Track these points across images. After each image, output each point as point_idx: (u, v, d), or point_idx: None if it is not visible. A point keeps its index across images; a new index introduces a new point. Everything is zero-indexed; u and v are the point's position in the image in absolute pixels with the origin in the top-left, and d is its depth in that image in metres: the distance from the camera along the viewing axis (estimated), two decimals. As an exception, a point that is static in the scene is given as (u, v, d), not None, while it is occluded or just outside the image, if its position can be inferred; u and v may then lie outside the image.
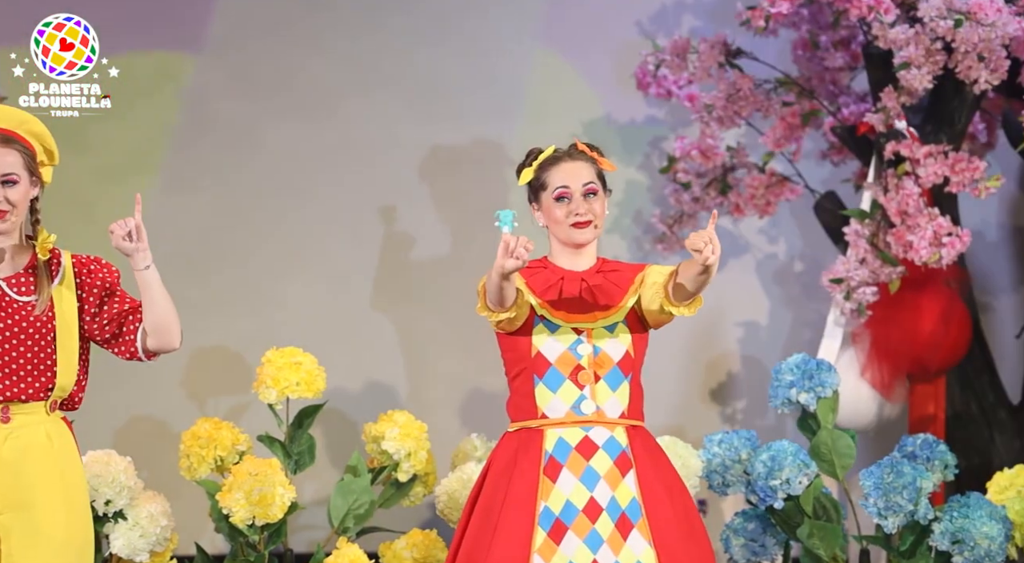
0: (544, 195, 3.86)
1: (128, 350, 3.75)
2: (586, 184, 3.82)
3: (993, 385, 5.73)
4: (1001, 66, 5.21)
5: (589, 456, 3.78)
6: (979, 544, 4.66)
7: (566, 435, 3.79)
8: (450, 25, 6.01)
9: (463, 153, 6.02)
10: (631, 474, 3.78)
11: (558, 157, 3.86)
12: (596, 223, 3.84)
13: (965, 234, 5.28)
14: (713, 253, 3.58)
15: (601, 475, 3.76)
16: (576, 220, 3.82)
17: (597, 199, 3.84)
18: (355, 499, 4.89)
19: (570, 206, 3.82)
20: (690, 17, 6.06)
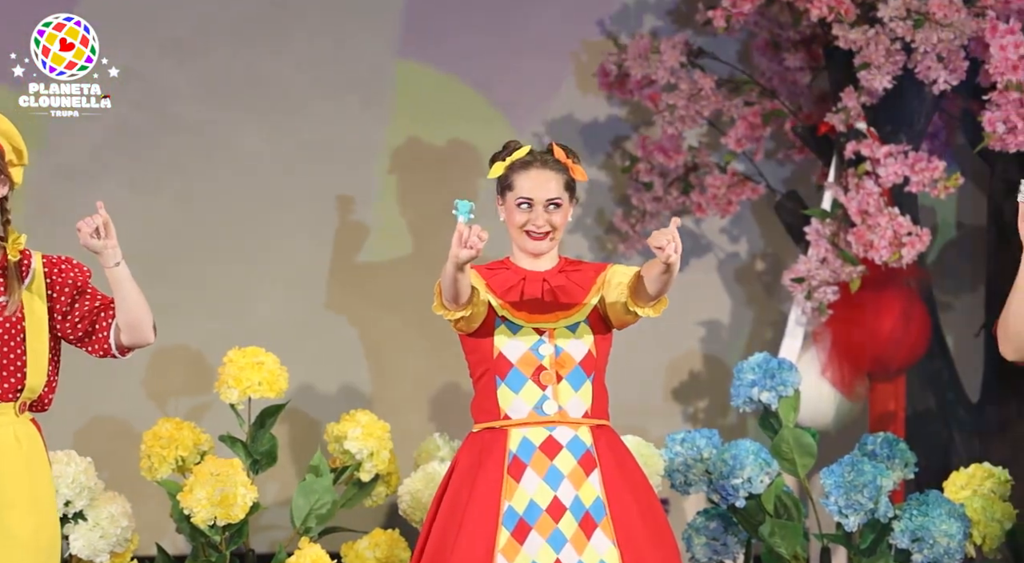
0: (509, 196, 3.86)
1: (101, 347, 3.74)
2: (551, 198, 3.82)
3: (953, 383, 5.76)
4: (960, 67, 5.25)
5: (553, 455, 3.78)
6: (938, 542, 4.69)
7: (530, 435, 3.79)
8: (411, 24, 6.00)
9: (425, 153, 6.01)
10: (595, 473, 3.78)
11: (529, 162, 3.85)
12: (554, 235, 3.84)
13: (925, 233, 5.32)
14: (675, 251, 3.59)
15: (565, 474, 3.76)
16: (533, 231, 3.82)
17: (559, 211, 3.83)
18: (317, 499, 4.88)
19: (530, 215, 3.82)
20: (652, 17, 6.07)
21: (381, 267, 5.99)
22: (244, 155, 5.90)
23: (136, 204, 5.78)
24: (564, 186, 3.84)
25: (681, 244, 3.60)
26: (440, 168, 5.99)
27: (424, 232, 5.98)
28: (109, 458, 5.11)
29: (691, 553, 4.90)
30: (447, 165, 5.98)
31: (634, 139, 6.00)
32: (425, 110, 6.01)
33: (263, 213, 5.91)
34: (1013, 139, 5.15)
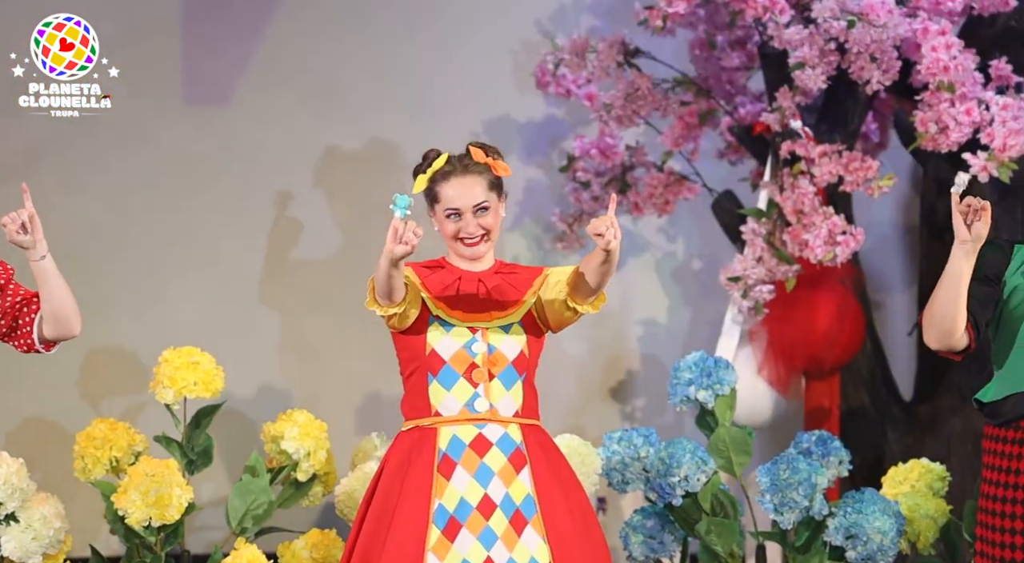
0: (437, 207, 3.86)
1: (25, 342, 3.71)
2: (477, 204, 3.83)
3: (886, 381, 5.81)
4: (892, 67, 5.29)
5: (483, 453, 3.78)
6: (872, 539, 4.72)
7: (460, 432, 3.79)
8: (346, 23, 5.99)
9: (360, 151, 6.00)
10: (525, 470, 3.79)
11: (450, 171, 3.84)
12: (489, 237, 3.84)
13: (859, 233, 5.35)
14: (615, 237, 3.60)
15: (495, 472, 3.77)
16: (467, 239, 3.82)
17: (489, 214, 3.84)
18: (253, 499, 4.86)
19: (461, 224, 3.82)
20: (589, 17, 6.09)
21: (316, 266, 5.97)
22: (176, 153, 5.87)
23: (68, 203, 5.74)
24: (489, 187, 3.84)
25: (620, 232, 3.62)
26: (376, 167, 5.98)
27: (359, 231, 5.97)
28: (42, 459, 5.08)
29: (628, 551, 4.92)
30: (383, 164, 5.97)
31: (571, 138, 6.01)
32: (361, 108, 5.99)
33: (197, 212, 5.88)
34: (945, 139, 5.19)
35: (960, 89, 5.16)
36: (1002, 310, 3.89)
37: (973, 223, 3.77)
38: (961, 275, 3.77)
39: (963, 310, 3.79)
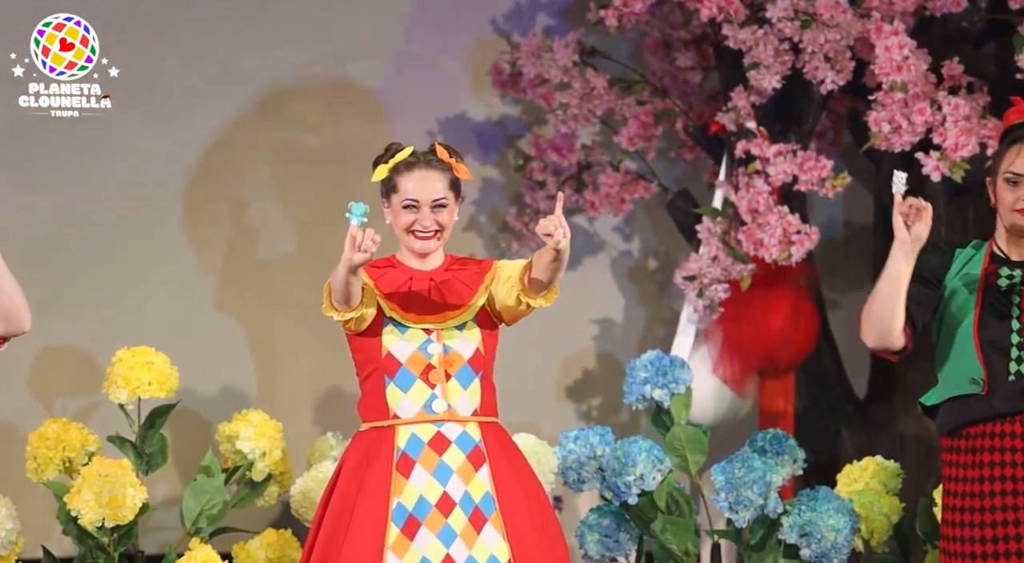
0: (394, 198, 3.86)
1: None
2: (436, 199, 3.83)
3: (840, 380, 5.84)
4: (846, 67, 5.31)
5: (442, 451, 3.78)
6: (826, 537, 4.74)
7: (418, 431, 3.79)
8: (303, 22, 5.97)
9: (317, 151, 5.99)
10: (484, 468, 3.79)
11: (413, 163, 3.85)
12: (441, 235, 3.84)
13: (813, 232, 5.37)
14: (564, 236, 3.61)
15: (454, 469, 3.77)
16: (420, 231, 3.82)
17: (445, 211, 3.85)
18: (208, 499, 4.84)
19: (417, 216, 3.82)
20: (544, 16, 6.09)
21: (271, 266, 5.95)
22: (131, 152, 5.83)
23: (22, 201, 5.70)
24: (449, 186, 3.85)
25: (569, 229, 3.62)
26: (331, 167, 5.96)
27: (315, 231, 5.95)
28: (-6, 460, 5.05)
29: (584, 550, 4.92)
30: (338, 164, 5.96)
31: (527, 138, 6.01)
32: (317, 108, 5.98)
33: (152, 211, 5.85)
34: (898, 139, 5.22)
35: (913, 89, 5.19)
36: (942, 315, 3.91)
37: (914, 224, 3.78)
38: (900, 276, 3.78)
39: (902, 311, 3.80)
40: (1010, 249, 3.90)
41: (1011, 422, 3.83)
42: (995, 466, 3.82)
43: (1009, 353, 3.84)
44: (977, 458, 3.84)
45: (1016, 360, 3.83)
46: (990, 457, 3.83)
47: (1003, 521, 3.80)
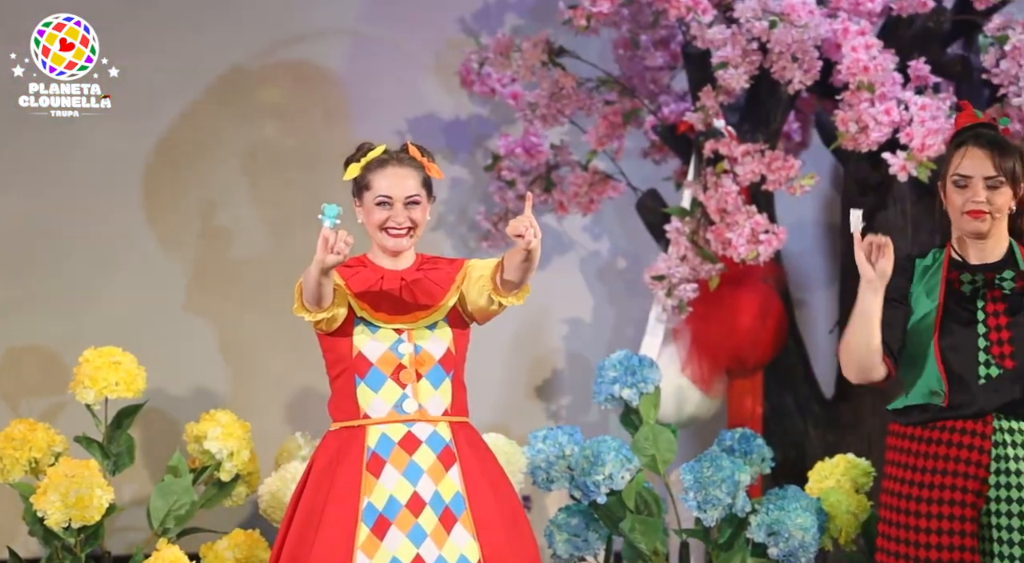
0: (367, 196, 3.85)
1: None
2: (409, 196, 3.82)
3: (808, 379, 5.86)
4: (814, 67, 5.33)
5: (412, 451, 3.78)
6: (793, 536, 4.76)
7: (389, 431, 3.79)
8: (270, 21, 5.96)
9: (286, 152, 5.98)
10: (455, 468, 3.79)
11: (385, 160, 3.85)
12: (414, 232, 3.84)
13: (781, 231, 5.39)
14: (535, 236, 3.61)
15: (424, 469, 3.77)
16: (393, 228, 3.82)
17: (418, 208, 3.84)
18: (176, 499, 4.83)
19: (390, 213, 3.82)
20: (513, 15, 6.09)
21: (239, 266, 5.94)
22: (99, 152, 5.81)
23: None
24: (421, 183, 3.86)
25: (540, 230, 3.62)
26: (300, 167, 5.95)
27: (284, 231, 5.94)
28: (-40, 460, 5.00)
29: (553, 549, 4.92)
30: (307, 164, 5.95)
31: (496, 137, 6.01)
32: (285, 108, 5.97)
33: (120, 211, 5.83)
34: (865, 138, 5.24)
35: (880, 89, 5.21)
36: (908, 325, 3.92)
37: (877, 261, 3.78)
38: (872, 313, 3.79)
39: (878, 344, 3.80)
40: (966, 252, 3.91)
41: (982, 422, 3.84)
42: (958, 462, 3.83)
43: (977, 357, 3.86)
44: (932, 450, 3.85)
45: (984, 363, 3.84)
46: (945, 451, 3.84)
47: (949, 515, 3.81)
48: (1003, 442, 3.84)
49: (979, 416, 3.84)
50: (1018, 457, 3.84)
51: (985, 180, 3.85)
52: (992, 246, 3.90)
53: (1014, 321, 3.85)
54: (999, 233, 3.90)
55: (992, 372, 3.84)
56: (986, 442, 3.83)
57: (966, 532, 3.80)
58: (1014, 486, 3.82)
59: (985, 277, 3.86)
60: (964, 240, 3.91)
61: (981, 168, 3.85)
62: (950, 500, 3.82)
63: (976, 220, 3.85)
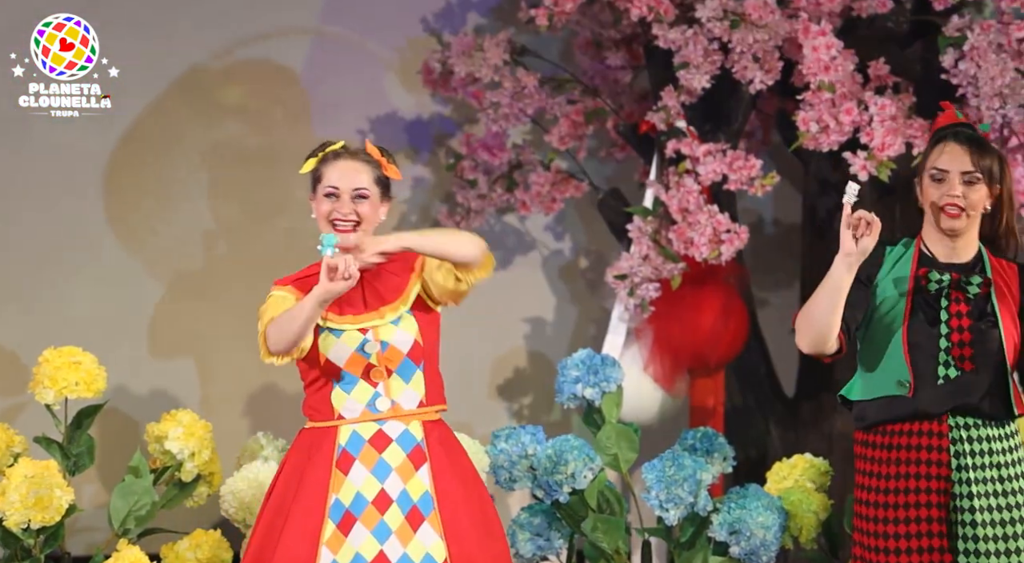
0: (319, 188, 3.85)
1: None
2: (357, 188, 3.81)
3: (769, 378, 5.88)
4: (775, 67, 5.35)
5: (382, 449, 3.77)
6: (755, 534, 4.77)
7: (360, 429, 3.78)
8: (232, 20, 5.94)
9: (246, 150, 5.96)
10: (425, 468, 3.79)
11: (339, 154, 3.85)
12: (360, 228, 3.82)
13: (743, 231, 5.40)
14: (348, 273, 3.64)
15: (393, 467, 3.76)
16: (340, 221, 3.80)
17: (366, 203, 3.82)
18: (136, 500, 4.81)
19: (336, 205, 3.81)
20: (475, 15, 6.09)
21: (200, 265, 5.92)
22: (58, 149, 5.78)
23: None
24: (374, 180, 3.83)
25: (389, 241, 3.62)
26: (262, 166, 5.94)
27: (246, 230, 5.93)
28: (-82, 461, 4.97)
29: (515, 549, 4.92)
30: (269, 163, 5.93)
31: (458, 136, 6.01)
32: (247, 107, 5.95)
33: (79, 210, 5.80)
34: (826, 138, 5.26)
35: (840, 89, 5.23)
36: (873, 314, 3.93)
37: (862, 237, 3.75)
38: (841, 287, 3.76)
39: (839, 319, 3.78)
40: (936, 249, 3.93)
41: (938, 422, 3.86)
42: (920, 464, 3.85)
43: (937, 357, 3.87)
44: (894, 455, 3.87)
45: (944, 364, 3.86)
46: (907, 455, 3.86)
47: (916, 518, 3.83)
48: (960, 439, 3.86)
49: (935, 417, 3.86)
50: (975, 453, 3.86)
51: (962, 175, 3.87)
52: (962, 247, 3.91)
53: (976, 325, 3.86)
54: (971, 234, 3.91)
55: (951, 373, 3.86)
56: (944, 441, 3.85)
57: (933, 533, 3.83)
58: (975, 481, 3.84)
59: (952, 278, 3.87)
60: (935, 236, 3.92)
61: (959, 163, 3.87)
62: (916, 503, 3.84)
63: (952, 219, 3.86)
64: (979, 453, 3.86)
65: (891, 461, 3.87)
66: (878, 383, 3.89)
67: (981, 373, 3.85)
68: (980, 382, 3.85)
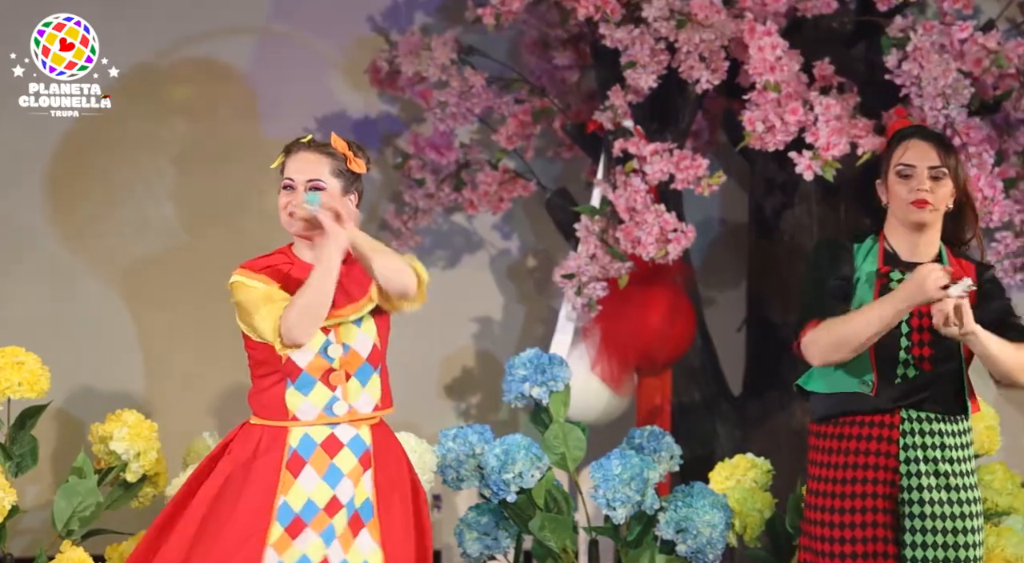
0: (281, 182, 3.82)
1: None
2: (311, 180, 3.78)
3: (716, 377, 5.90)
4: (721, 67, 5.37)
5: (334, 453, 3.75)
6: (701, 532, 4.79)
7: (312, 432, 3.75)
8: (179, 18, 5.91)
9: (192, 148, 5.93)
10: (369, 474, 3.77)
11: (301, 146, 3.82)
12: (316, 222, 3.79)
13: (690, 230, 5.42)
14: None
15: (345, 473, 3.74)
16: (294, 211, 3.78)
17: (323, 195, 3.78)
18: (80, 501, 4.77)
19: (290, 197, 3.79)
20: (422, 14, 6.09)
21: (145, 264, 5.88)
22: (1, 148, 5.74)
23: None
24: (333, 173, 3.80)
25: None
26: (208, 164, 5.92)
27: (190, 229, 5.90)
28: None
29: (463, 548, 4.92)
30: (215, 161, 5.91)
31: (406, 136, 6.00)
32: (193, 105, 5.92)
33: (23, 208, 5.76)
34: (772, 138, 5.29)
35: (785, 89, 5.26)
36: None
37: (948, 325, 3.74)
38: (889, 325, 3.79)
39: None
40: (900, 247, 3.95)
41: (890, 415, 3.89)
42: (869, 455, 3.88)
43: (898, 357, 3.90)
44: (844, 445, 3.90)
45: (904, 363, 3.89)
46: (856, 445, 3.89)
47: (863, 508, 3.86)
48: (910, 432, 3.89)
49: (887, 411, 3.89)
50: (925, 445, 3.89)
51: (929, 170, 3.90)
52: (925, 244, 3.94)
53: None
54: (934, 231, 3.95)
55: (910, 373, 3.89)
56: (894, 433, 3.88)
57: (879, 523, 3.86)
58: (924, 474, 3.87)
59: None
60: (900, 234, 3.95)
61: (926, 158, 3.90)
62: (863, 493, 3.87)
63: (920, 211, 3.89)
64: (931, 446, 3.89)
65: (841, 451, 3.90)
66: (840, 379, 3.91)
67: (939, 372, 3.89)
68: (937, 381, 3.89)
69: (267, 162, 5.98)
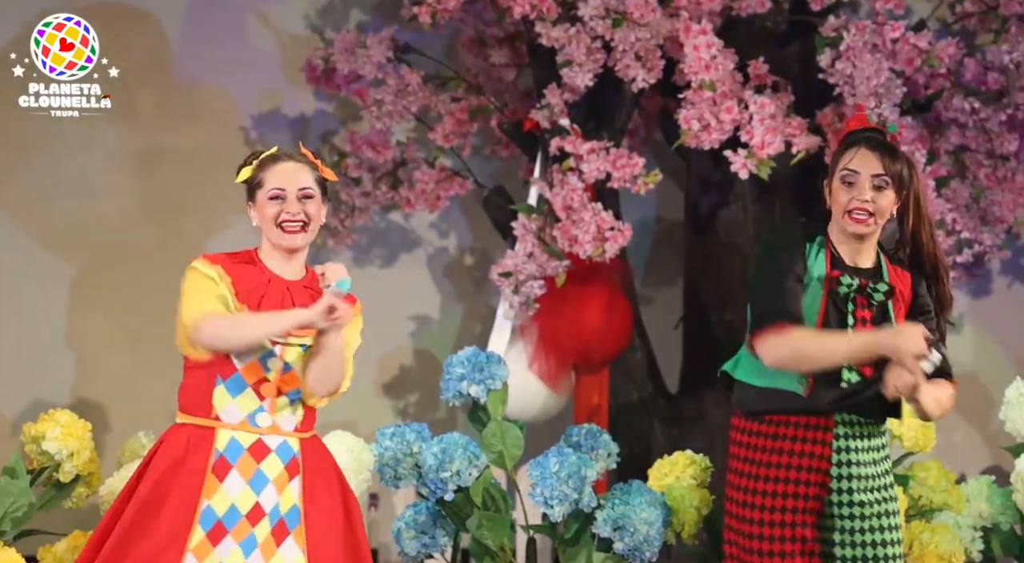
0: (260, 193, 3.78)
1: None
2: (302, 188, 3.77)
3: (653, 375, 5.92)
4: (656, 65, 5.39)
5: (260, 459, 3.73)
6: (639, 530, 4.80)
7: (239, 436, 3.73)
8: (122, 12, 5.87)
9: (127, 149, 5.90)
10: (296, 481, 3.76)
11: (278, 157, 3.81)
12: (308, 228, 3.79)
13: (627, 228, 5.44)
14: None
15: (270, 479, 3.73)
16: (287, 219, 3.76)
17: (312, 203, 3.78)
18: (12, 501, 4.73)
19: (283, 206, 3.77)
20: (358, 12, 6.07)
21: (81, 262, 5.84)
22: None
23: None
24: (316, 180, 3.81)
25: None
26: (141, 166, 5.88)
27: (123, 229, 5.86)
28: None
29: (400, 547, 4.92)
30: (148, 162, 5.87)
31: (342, 134, 5.99)
32: (133, 106, 5.88)
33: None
34: (707, 136, 5.31)
35: (721, 88, 5.28)
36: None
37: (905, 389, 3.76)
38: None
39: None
40: (842, 250, 3.96)
41: (825, 418, 3.91)
42: (803, 456, 3.90)
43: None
44: (778, 445, 3.91)
45: (848, 368, 3.90)
46: (791, 446, 3.90)
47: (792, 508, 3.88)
48: (844, 435, 3.91)
49: (823, 414, 3.91)
50: (858, 449, 3.92)
51: (872, 178, 3.90)
52: (865, 251, 3.95)
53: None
54: (873, 239, 3.96)
55: (852, 378, 3.90)
56: (828, 435, 3.90)
57: (808, 523, 3.88)
58: (855, 477, 3.90)
59: (860, 284, 3.92)
60: (841, 238, 3.95)
61: (869, 167, 3.90)
62: (794, 493, 3.88)
63: (858, 224, 3.90)
64: (862, 450, 3.92)
65: (773, 450, 3.90)
66: (775, 374, 3.91)
67: (877, 378, 3.91)
68: (874, 385, 3.91)
69: (202, 161, 5.97)
